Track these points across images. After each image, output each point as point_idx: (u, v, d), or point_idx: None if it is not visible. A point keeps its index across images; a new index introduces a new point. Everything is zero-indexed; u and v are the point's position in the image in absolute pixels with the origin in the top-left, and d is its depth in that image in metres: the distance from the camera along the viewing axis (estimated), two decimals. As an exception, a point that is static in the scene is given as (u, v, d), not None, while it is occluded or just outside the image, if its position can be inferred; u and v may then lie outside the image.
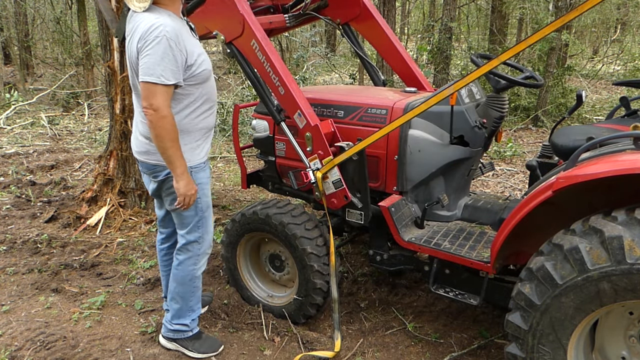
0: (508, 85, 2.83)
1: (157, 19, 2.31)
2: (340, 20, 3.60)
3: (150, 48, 2.27)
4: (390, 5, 7.93)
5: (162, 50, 2.26)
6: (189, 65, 2.39)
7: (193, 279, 2.76)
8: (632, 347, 2.06)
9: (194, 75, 2.43)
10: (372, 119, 3.00)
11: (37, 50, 14.33)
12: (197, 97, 2.50)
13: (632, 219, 1.86)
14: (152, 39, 2.26)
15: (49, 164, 6.55)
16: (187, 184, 2.45)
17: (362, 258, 3.99)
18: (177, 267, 2.75)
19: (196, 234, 2.68)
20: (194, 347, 2.84)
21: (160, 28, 2.27)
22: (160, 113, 2.30)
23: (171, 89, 2.35)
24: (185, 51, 2.35)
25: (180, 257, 2.74)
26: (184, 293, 2.77)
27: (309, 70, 9.00)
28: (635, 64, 11.42)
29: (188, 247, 2.70)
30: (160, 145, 2.37)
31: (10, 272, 3.79)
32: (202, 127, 2.58)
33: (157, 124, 2.32)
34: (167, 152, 2.37)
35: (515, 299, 2.13)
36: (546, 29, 2.12)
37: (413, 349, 2.98)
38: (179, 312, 2.81)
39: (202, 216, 2.66)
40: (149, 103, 2.31)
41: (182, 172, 2.42)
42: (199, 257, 2.75)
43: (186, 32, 2.43)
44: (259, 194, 5.47)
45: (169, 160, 2.40)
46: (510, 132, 8.05)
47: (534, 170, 2.89)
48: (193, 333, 2.87)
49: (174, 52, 2.29)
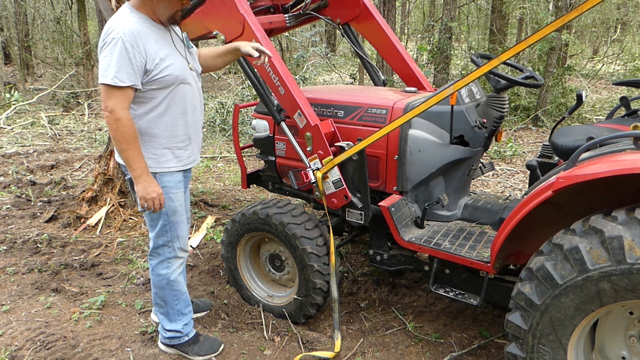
0: (508, 85, 2.83)
1: (119, 21, 2.31)
2: (340, 20, 3.60)
3: (107, 50, 2.27)
4: (390, 5, 7.93)
5: (118, 52, 2.24)
6: (148, 69, 2.34)
7: (169, 282, 2.72)
8: (632, 347, 2.05)
9: (154, 79, 2.37)
10: (372, 118, 3.00)
11: (37, 50, 14.34)
12: (160, 102, 2.44)
13: (632, 219, 1.86)
14: (110, 41, 2.26)
15: (49, 163, 6.55)
16: (146, 187, 2.40)
17: (362, 258, 3.99)
18: (152, 272, 2.74)
19: (164, 238, 2.63)
20: (193, 351, 2.82)
21: (118, 29, 2.26)
22: (114, 115, 2.28)
23: (128, 91, 2.31)
24: (144, 54, 2.31)
25: (152, 262, 2.72)
26: (165, 297, 2.75)
27: (309, 70, 9.00)
28: (635, 64, 11.42)
29: (158, 251, 2.67)
30: (117, 147, 2.36)
31: (10, 272, 3.79)
32: (170, 134, 2.50)
33: (112, 125, 2.30)
34: (123, 154, 2.36)
35: (515, 299, 2.13)
36: (546, 29, 2.12)
37: (413, 349, 2.98)
38: (168, 317, 2.80)
39: (169, 220, 2.60)
40: (105, 105, 2.30)
41: (139, 175, 2.38)
42: (170, 260, 2.70)
43: (155, 36, 2.38)
44: (259, 193, 5.47)
45: (127, 162, 2.38)
46: (510, 132, 8.05)
47: (534, 170, 2.88)
48: (189, 337, 2.85)
49: (130, 55, 2.26)
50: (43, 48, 14.70)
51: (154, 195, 2.43)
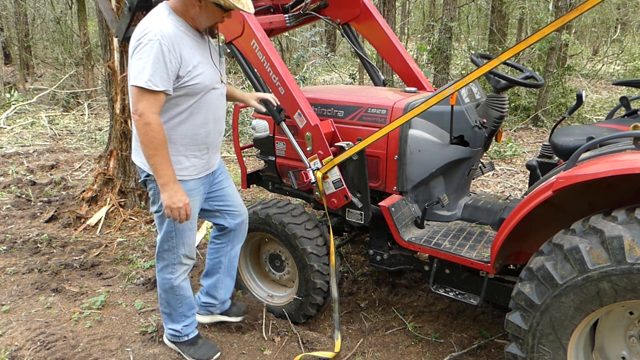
0: (508, 85, 2.83)
1: (157, 22, 2.23)
2: (340, 20, 3.59)
3: (142, 51, 2.18)
4: (390, 5, 7.93)
5: (154, 55, 2.17)
6: (180, 75, 2.28)
7: (173, 287, 2.69)
8: (632, 347, 2.05)
9: (183, 86, 2.31)
10: (372, 118, 3.00)
11: (37, 50, 14.34)
12: (184, 110, 2.38)
13: (632, 219, 1.86)
14: (146, 42, 2.18)
15: (49, 163, 6.55)
16: (172, 196, 2.31)
17: (362, 258, 3.99)
18: (158, 275, 2.72)
19: (169, 244, 2.59)
20: (189, 352, 2.82)
21: (156, 31, 2.18)
22: (144, 119, 2.20)
23: (160, 95, 2.23)
24: (180, 59, 2.25)
25: (157, 265, 2.69)
26: (168, 300, 2.74)
27: (309, 70, 9.00)
28: (635, 64, 11.42)
29: (163, 255, 2.64)
30: (145, 152, 2.28)
31: (10, 272, 3.79)
32: (189, 142, 2.45)
33: (140, 130, 2.23)
34: (150, 159, 2.28)
35: (515, 299, 2.13)
36: (546, 29, 2.12)
37: (413, 349, 2.98)
38: (170, 317, 2.80)
39: (174, 227, 2.53)
40: (135, 108, 2.22)
41: (165, 182, 2.30)
42: (175, 266, 2.66)
43: (190, 42, 2.33)
44: (259, 193, 5.47)
45: (153, 168, 2.29)
46: (510, 132, 8.05)
47: (534, 170, 2.88)
48: (189, 338, 2.84)
49: (166, 59, 2.19)
50: (43, 48, 14.69)
51: (180, 205, 2.34)
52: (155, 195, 2.53)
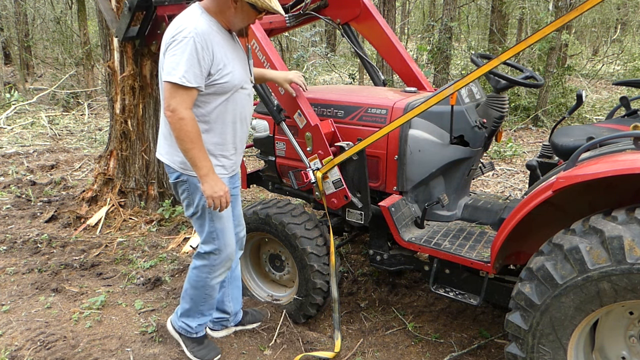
0: (508, 85, 2.83)
1: (191, 20, 2.26)
2: (340, 20, 3.59)
3: (176, 48, 2.21)
4: (390, 5, 7.93)
5: (189, 51, 2.20)
6: (212, 73, 2.31)
7: (206, 286, 2.67)
8: (632, 347, 2.06)
9: (213, 84, 2.34)
10: (372, 118, 3.00)
11: (37, 50, 14.34)
12: (214, 108, 2.40)
13: (632, 219, 1.86)
14: (181, 39, 2.20)
15: (49, 163, 6.55)
16: (213, 186, 2.34)
17: (362, 258, 3.99)
18: (192, 270, 2.68)
19: (211, 246, 2.58)
20: (193, 349, 2.82)
21: (190, 29, 2.21)
22: (178, 114, 2.23)
23: (193, 92, 2.26)
24: (212, 57, 2.28)
25: (196, 262, 2.66)
26: (195, 296, 2.72)
27: (309, 70, 9.00)
28: (635, 64, 11.43)
29: (204, 256, 2.62)
30: (181, 147, 2.30)
31: (10, 272, 3.79)
32: (217, 142, 2.47)
33: (174, 125, 2.25)
34: (188, 153, 2.30)
35: (515, 299, 2.13)
36: (546, 29, 2.12)
37: (413, 349, 2.98)
38: (187, 312, 2.78)
39: (215, 227, 2.55)
40: (167, 104, 2.25)
41: (205, 173, 2.33)
42: (215, 267, 2.64)
43: (222, 41, 2.35)
44: (259, 193, 5.47)
45: (192, 161, 2.32)
46: (510, 132, 8.05)
47: (534, 170, 2.88)
48: (197, 336, 2.83)
49: (199, 56, 2.22)
50: (43, 48, 14.70)
51: (221, 194, 2.37)
52: (189, 197, 2.51)
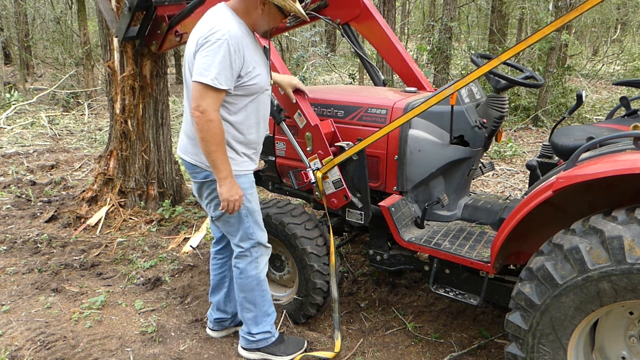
0: (508, 85, 2.83)
1: (224, 22, 2.27)
2: (340, 20, 3.59)
3: (209, 49, 2.22)
4: (390, 5, 7.93)
5: (222, 54, 2.21)
6: (242, 75, 2.33)
7: (260, 282, 2.68)
8: (632, 347, 2.06)
9: (242, 86, 2.36)
10: (372, 118, 3.00)
11: (37, 50, 14.35)
12: (241, 109, 2.42)
13: (632, 219, 1.86)
14: (214, 41, 2.21)
15: (49, 163, 6.55)
16: (230, 190, 2.38)
17: (362, 258, 3.99)
18: (240, 276, 2.67)
19: (251, 241, 2.61)
20: (281, 350, 2.78)
21: (224, 31, 2.22)
22: (207, 116, 2.25)
23: (222, 94, 2.29)
24: (242, 60, 2.30)
25: (240, 266, 2.65)
26: (255, 299, 2.70)
27: (309, 70, 9.00)
28: (635, 64, 11.44)
29: (245, 253, 2.62)
30: (205, 148, 2.33)
31: (10, 272, 3.79)
32: (243, 141, 2.50)
33: (202, 126, 2.27)
34: (211, 155, 2.33)
35: (515, 299, 2.13)
36: (546, 29, 2.12)
37: (413, 349, 2.98)
38: (256, 320, 2.74)
39: (251, 222, 2.58)
40: (197, 104, 2.25)
41: (224, 176, 2.36)
42: (259, 259, 2.66)
43: (249, 44, 2.38)
44: (259, 193, 5.46)
45: (213, 164, 2.35)
46: (510, 132, 8.05)
47: (534, 170, 2.88)
48: (276, 337, 2.80)
49: (232, 59, 2.24)
50: (43, 48, 14.70)
51: (237, 197, 2.41)
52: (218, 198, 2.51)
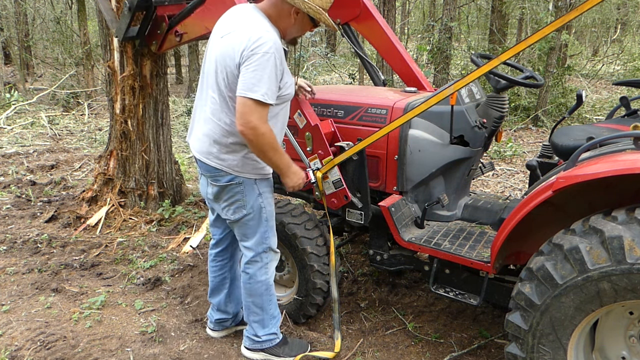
0: (508, 85, 2.83)
1: (268, 33, 2.22)
2: (340, 20, 3.59)
3: (257, 63, 2.16)
4: (390, 5, 7.93)
5: (270, 68, 2.17)
6: (280, 86, 2.31)
7: (268, 287, 2.68)
8: (632, 347, 2.06)
9: (279, 95, 2.34)
10: (372, 118, 3.00)
11: (37, 50, 14.35)
12: (272, 117, 2.38)
13: (632, 219, 1.86)
14: (262, 54, 2.15)
15: (49, 163, 6.55)
16: (293, 179, 2.51)
17: (362, 258, 3.99)
18: (250, 281, 2.65)
19: (264, 245, 2.60)
20: (285, 352, 2.78)
21: (270, 44, 2.17)
22: (258, 131, 2.22)
23: (268, 107, 2.26)
24: (283, 71, 2.29)
25: (250, 271, 2.63)
26: (262, 303, 2.69)
27: (309, 70, 9.00)
28: (635, 64, 11.43)
29: (256, 258, 2.60)
30: (264, 158, 2.37)
31: (10, 272, 3.79)
32: None
33: (256, 141, 2.25)
34: (271, 161, 2.37)
35: (515, 299, 2.13)
36: (546, 29, 2.12)
37: (413, 349, 2.98)
38: (263, 323, 2.74)
39: (268, 226, 2.59)
40: (246, 120, 2.19)
41: (287, 169, 2.47)
42: (268, 265, 2.66)
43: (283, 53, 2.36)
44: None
45: (276, 165, 2.42)
46: (510, 132, 8.05)
47: (534, 170, 2.88)
48: (280, 339, 2.81)
49: (277, 72, 2.22)
50: (43, 48, 14.70)
51: (301, 182, 2.58)
52: (243, 199, 2.50)
